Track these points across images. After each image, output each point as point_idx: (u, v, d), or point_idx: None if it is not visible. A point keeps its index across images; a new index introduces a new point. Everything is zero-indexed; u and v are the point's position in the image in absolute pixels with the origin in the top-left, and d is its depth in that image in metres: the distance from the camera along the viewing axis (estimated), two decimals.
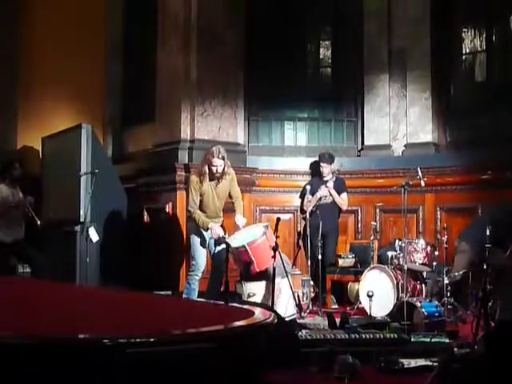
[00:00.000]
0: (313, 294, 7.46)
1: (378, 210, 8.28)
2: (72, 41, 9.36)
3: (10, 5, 9.17)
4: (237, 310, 3.21)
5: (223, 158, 6.38)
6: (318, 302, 7.13)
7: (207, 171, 6.40)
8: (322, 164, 7.79)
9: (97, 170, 7.15)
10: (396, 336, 4.74)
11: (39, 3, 9.36)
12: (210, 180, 6.45)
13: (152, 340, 2.27)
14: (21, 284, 4.09)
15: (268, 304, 5.20)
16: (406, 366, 4.18)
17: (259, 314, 2.95)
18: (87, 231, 7.38)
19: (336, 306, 7.55)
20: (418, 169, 6.73)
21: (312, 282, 7.33)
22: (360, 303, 6.65)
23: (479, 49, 8.24)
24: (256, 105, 8.89)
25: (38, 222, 7.13)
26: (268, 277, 5.92)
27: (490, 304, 5.74)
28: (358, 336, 4.69)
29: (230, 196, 6.60)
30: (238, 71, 8.58)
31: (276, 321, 2.95)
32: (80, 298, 3.34)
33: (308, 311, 6.79)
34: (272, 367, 3.49)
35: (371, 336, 4.70)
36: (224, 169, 6.40)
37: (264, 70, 8.87)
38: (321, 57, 9.13)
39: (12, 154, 8.16)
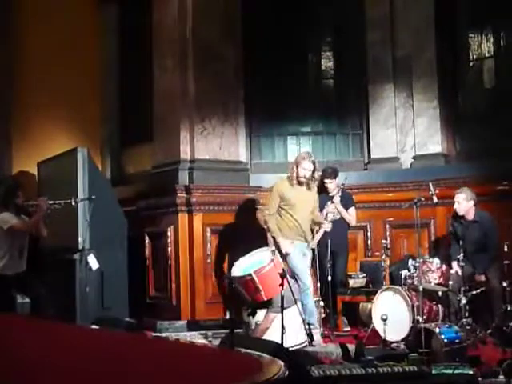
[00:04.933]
0: (323, 315, 7.16)
1: (387, 226, 7.98)
2: (66, 63, 9.13)
3: (1, 30, 8.92)
4: (241, 360, 2.89)
5: (314, 163, 6.36)
6: (329, 324, 6.88)
7: (295, 175, 6.38)
8: (325, 180, 7.49)
9: (94, 196, 6.90)
10: (416, 369, 4.43)
11: (32, 27, 9.12)
12: (299, 185, 6.42)
13: None
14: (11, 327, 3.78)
15: (277, 340, 4.91)
16: None
17: (268, 365, 2.63)
18: (86, 259, 7.14)
19: (348, 328, 7.25)
20: (430, 184, 6.44)
21: (322, 303, 7.03)
22: (373, 326, 6.34)
23: (487, 54, 7.97)
24: (257, 121, 8.60)
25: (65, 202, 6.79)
26: (275, 305, 5.64)
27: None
28: (375, 371, 4.37)
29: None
30: (238, 86, 8.29)
31: (286, 372, 2.64)
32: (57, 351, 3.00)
33: (319, 334, 6.47)
34: None
35: (389, 370, 4.38)
36: (313, 176, 6.38)
37: (264, 84, 8.59)
38: (323, 68, 8.83)
39: (9, 181, 7.88)
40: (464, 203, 6.62)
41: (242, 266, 5.75)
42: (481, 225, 6.57)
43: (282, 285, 5.04)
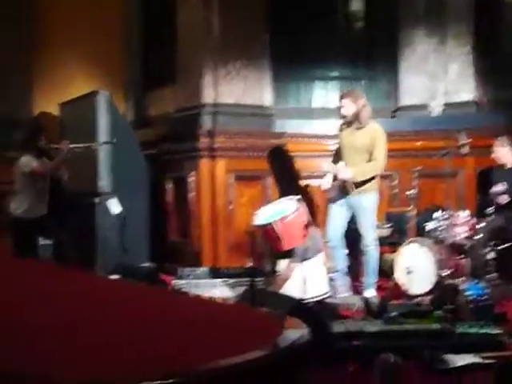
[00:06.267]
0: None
1: (415, 175, 7.77)
2: (89, 6, 8.92)
3: None
4: (261, 321, 2.76)
5: (350, 96, 5.86)
6: (352, 274, 6.79)
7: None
8: None
9: (115, 140, 6.81)
10: (440, 327, 4.31)
11: None
12: (348, 127, 6.01)
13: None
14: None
15: (297, 291, 4.81)
16: (452, 366, 3.76)
17: (289, 328, 2.50)
18: (107, 203, 7.09)
19: None
20: (461, 134, 6.22)
21: (347, 252, 6.91)
22: (397, 278, 6.22)
23: None
24: (283, 65, 8.30)
25: (86, 145, 6.74)
26: (298, 256, 5.54)
27: None
28: (398, 328, 4.27)
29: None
30: (263, 29, 8.00)
31: (308, 336, 2.52)
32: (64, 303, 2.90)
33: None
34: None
35: (413, 328, 4.28)
36: (357, 114, 5.85)
37: (291, 28, 8.27)
38: (352, 11, 8.50)
39: (32, 124, 7.80)
40: (504, 151, 6.44)
41: (265, 215, 5.62)
42: None
43: (305, 235, 4.91)
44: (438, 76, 7.94)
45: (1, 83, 8.10)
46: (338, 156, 6.23)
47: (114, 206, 7.16)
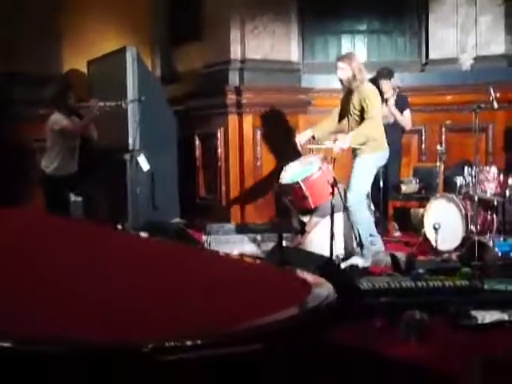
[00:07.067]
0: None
1: (444, 130, 7.72)
2: None
3: None
4: (288, 280, 2.79)
5: (346, 60, 5.71)
6: (379, 229, 6.80)
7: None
8: (380, 81, 7.20)
9: (143, 98, 6.83)
10: (467, 283, 4.34)
11: None
12: (346, 91, 5.89)
13: (197, 343, 1.89)
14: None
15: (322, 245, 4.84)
16: (479, 322, 3.80)
17: (317, 290, 2.53)
18: (136, 160, 7.15)
19: (398, 234, 7.18)
20: (491, 88, 6.12)
21: (373, 207, 6.92)
22: (424, 234, 6.23)
23: None
24: (310, 19, 8.20)
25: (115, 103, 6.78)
26: (320, 211, 5.57)
27: None
28: (425, 284, 4.30)
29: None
30: None
31: (335, 295, 2.56)
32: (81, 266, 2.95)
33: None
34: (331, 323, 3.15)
35: (440, 284, 4.30)
36: (352, 77, 5.64)
37: None
38: None
39: (61, 81, 7.83)
40: None
41: (291, 173, 5.63)
42: None
43: (332, 193, 4.92)
44: (468, 29, 7.78)
45: (31, 41, 8.12)
46: (333, 119, 6.15)
47: (144, 163, 7.22)
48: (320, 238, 5.40)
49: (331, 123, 6.14)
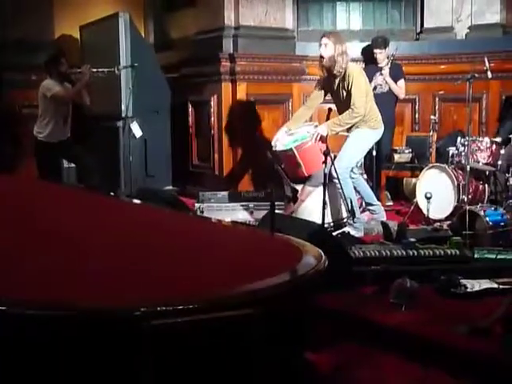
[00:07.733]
0: None
1: (437, 99, 7.70)
2: None
3: None
4: (280, 247, 2.81)
5: (331, 37, 5.51)
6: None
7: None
8: (375, 50, 7.19)
9: (136, 64, 6.77)
10: (458, 252, 4.37)
11: None
12: (327, 72, 5.61)
13: (191, 307, 1.92)
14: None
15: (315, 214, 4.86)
16: (469, 290, 3.83)
17: (308, 257, 2.56)
18: (129, 127, 7.12)
19: (391, 203, 7.21)
20: (485, 59, 6.10)
21: (366, 176, 6.94)
22: (416, 203, 6.25)
23: None
24: None
25: (108, 70, 6.74)
26: (313, 180, 5.58)
27: None
28: (416, 253, 4.33)
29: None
30: None
31: (326, 262, 2.58)
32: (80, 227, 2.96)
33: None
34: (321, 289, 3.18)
35: (431, 253, 4.33)
36: (333, 59, 5.43)
37: None
38: None
39: (53, 48, 7.76)
40: None
41: (285, 140, 5.62)
42: None
43: (325, 162, 4.92)
44: None
45: (22, 7, 8.03)
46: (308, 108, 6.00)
47: (136, 130, 7.19)
48: (314, 207, 5.43)
49: (307, 112, 6.00)
